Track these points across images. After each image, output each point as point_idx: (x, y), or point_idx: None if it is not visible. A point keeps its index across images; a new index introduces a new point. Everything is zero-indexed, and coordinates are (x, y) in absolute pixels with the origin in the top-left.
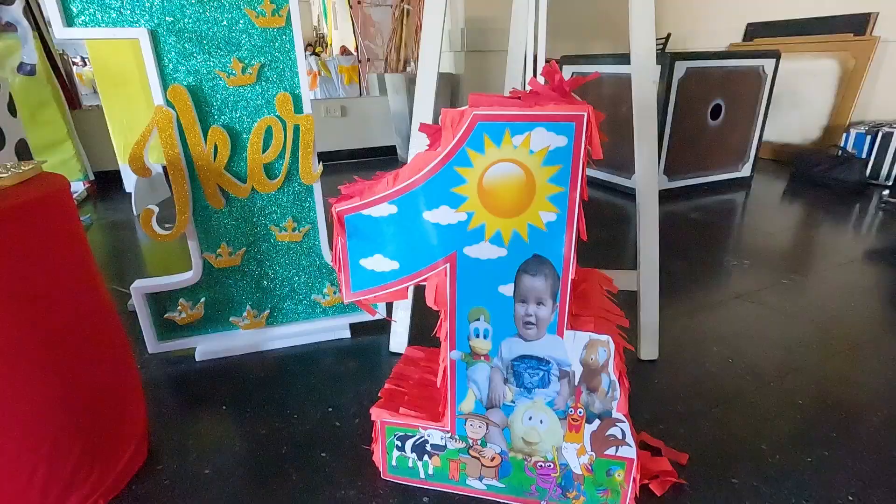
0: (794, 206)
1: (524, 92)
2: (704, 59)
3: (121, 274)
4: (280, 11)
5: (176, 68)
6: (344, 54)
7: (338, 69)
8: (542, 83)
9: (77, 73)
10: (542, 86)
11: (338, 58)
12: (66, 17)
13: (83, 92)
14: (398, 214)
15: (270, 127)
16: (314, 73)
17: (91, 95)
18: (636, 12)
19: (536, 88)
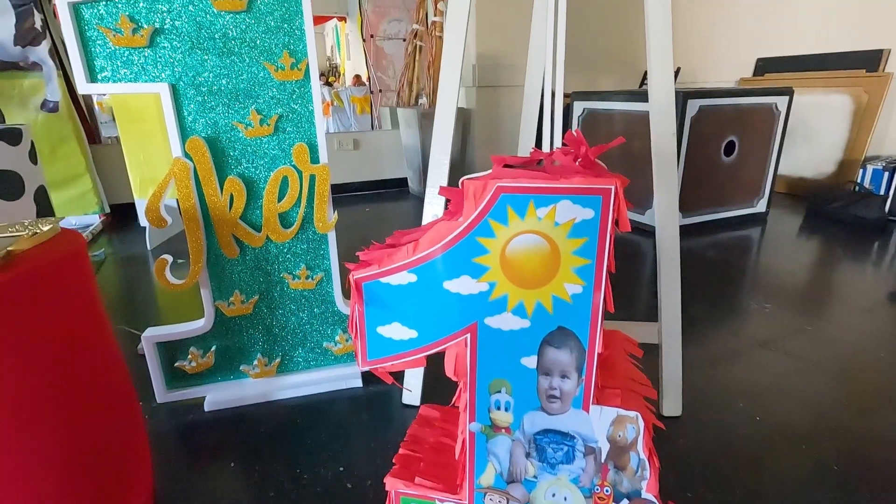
0: (812, 243)
1: (546, 154)
2: (717, 97)
3: (132, 313)
4: (299, 65)
5: (195, 120)
6: (357, 85)
7: (350, 99)
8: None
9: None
10: (566, 158)
11: (350, 88)
12: (90, 74)
13: (102, 120)
14: (417, 283)
15: (286, 177)
16: (327, 103)
17: (110, 123)
18: (654, 72)
19: (561, 160)
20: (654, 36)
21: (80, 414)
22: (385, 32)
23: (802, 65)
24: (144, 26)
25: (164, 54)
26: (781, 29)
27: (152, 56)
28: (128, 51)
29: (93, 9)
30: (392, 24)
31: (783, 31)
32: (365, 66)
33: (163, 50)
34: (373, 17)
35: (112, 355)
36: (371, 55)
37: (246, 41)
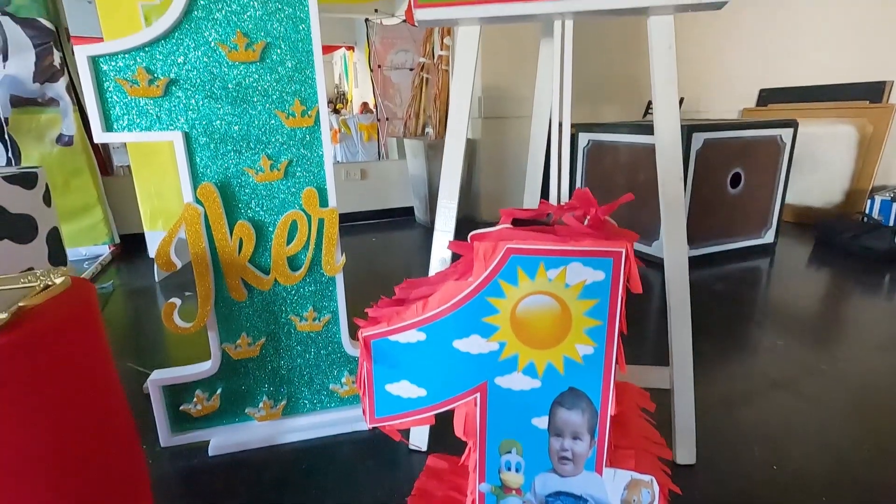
0: (822, 274)
1: (554, 207)
2: (722, 129)
3: (139, 348)
4: (309, 112)
5: (207, 166)
6: (364, 112)
7: (358, 127)
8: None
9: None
10: (575, 220)
11: (358, 116)
12: (106, 123)
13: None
14: (427, 342)
15: (295, 221)
16: (335, 130)
17: (122, 149)
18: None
19: (570, 223)
20: (659, 78)
21: (83, 462)
22: (392, 63)
23: (805, 96)
24: (160, 77)
25: (179, 103)
26: (784, 60)
27: (167, 105)
28: (143, 101)
29: (111, 61)
30: (399, 55)
31: (785, 62)
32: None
33: (177, 99)
34: (380, 48)
35: (117, 403)
36: (378, 84)
37: (258, 90)
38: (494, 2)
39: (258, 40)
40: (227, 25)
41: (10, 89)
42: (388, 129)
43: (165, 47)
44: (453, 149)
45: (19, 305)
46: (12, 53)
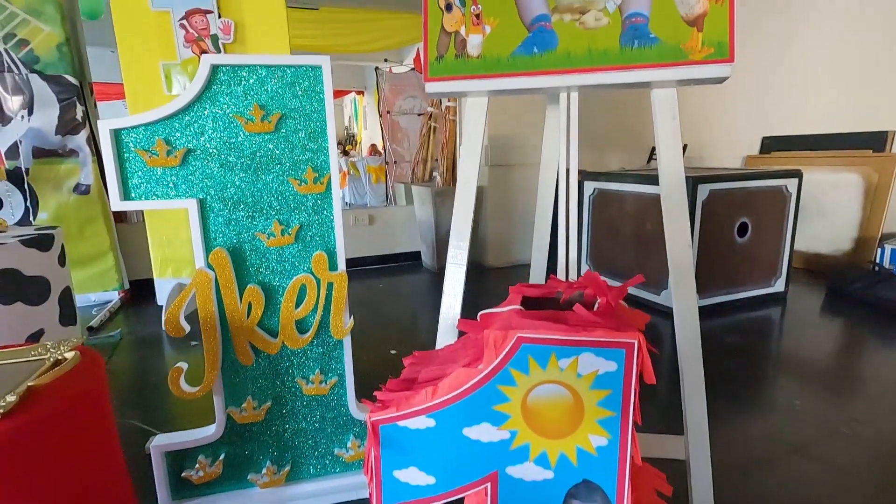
0: (836, 326)
1: (564, 284)
2: (726, 180)
3: (143, 401)
4: (322, 179)
5: (219, 232)
6: (372, 154)
7: (366, 169)
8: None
9: None
10: (585, 311)
11: (366, 158)
12: (124, 192)
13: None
14: (436, 428)
15: (305, 284)
16: (344, 172)
17: None
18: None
19: (581, 314)
20: (664, 147)
21: None
22: (400, 108)
23: (808, 144)
24: (179, 148)
25: (195, 172)
26: (786, 109)
27: (183, 174)
28: (161, 170)
29: (132, 133)
30: (407, 101)
31: (787, 110)
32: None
33: (194, 168)
34: (389, 94)
35: (117, 473)
36: (387, 129)
37: (272, 158)
38: (501, 76)
39: (274, 112)
40: (244, 98)
41: (34, 141)
42: (397, 172)
43: (185, 119)
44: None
45: (28, 385)
46: (37, 108)
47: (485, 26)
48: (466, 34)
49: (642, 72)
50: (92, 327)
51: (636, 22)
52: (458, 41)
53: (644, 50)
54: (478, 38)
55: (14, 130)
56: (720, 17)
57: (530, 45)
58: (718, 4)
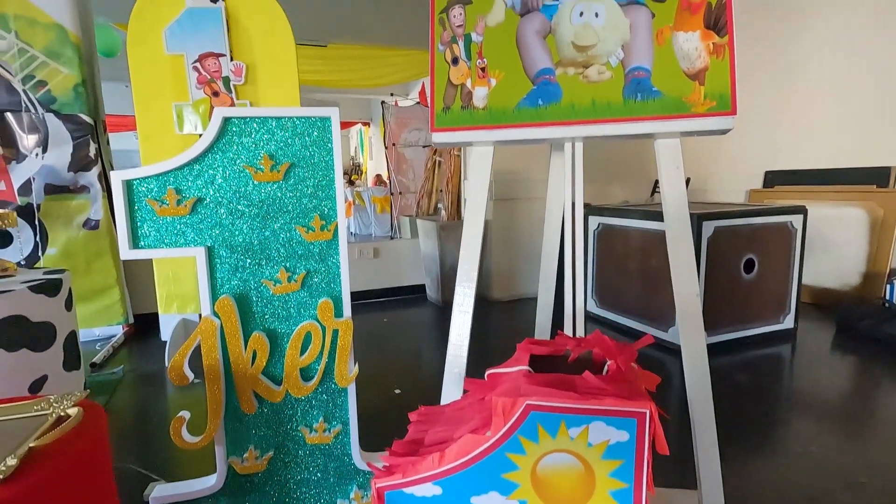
0: (847, 364)
1: (572, 340)
2: (731, 217)
3: (143, 444)
4: (328, 227)
5: (226, 279)
6: (377, 184)
7: (371, 199)
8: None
9: None
10: (595, 379)
11: (371, 189)
12: (133, 241)
13: None
14: (443, 496)
15: (310, 332)
16: (349, 202)
17: None
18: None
19: (591, 381)
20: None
21: None
22: (406, 140)
23: (811, 178)
24: (189, 197)
25: (204, 220)
26: (788, 144)
27: (193, 222)
28: (170, 219)
29: (144, 183)
30: (412, 133)
31: (790, 145)
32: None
33: (202, 217)
34: (395, 127)
35: None
36: (392, 161)
37: (280, 206)
38: (507, 127)
39: (283, 161)
40: (254, 149)
41: (46, 178)
42: (401, 203)
43: (196, 169)
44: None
45: (30, 447)
46: (52, 146)
47: (490, 79)
48: (472, 87)
49: (646, 124)
50: (95, 363)
51: (639, 76)
52: (465, 93)
53: (647, 103)
54: (483, 91)
55: (28, 167)
56: (721, 71)
57: (535, 98)
58: (719, 59)
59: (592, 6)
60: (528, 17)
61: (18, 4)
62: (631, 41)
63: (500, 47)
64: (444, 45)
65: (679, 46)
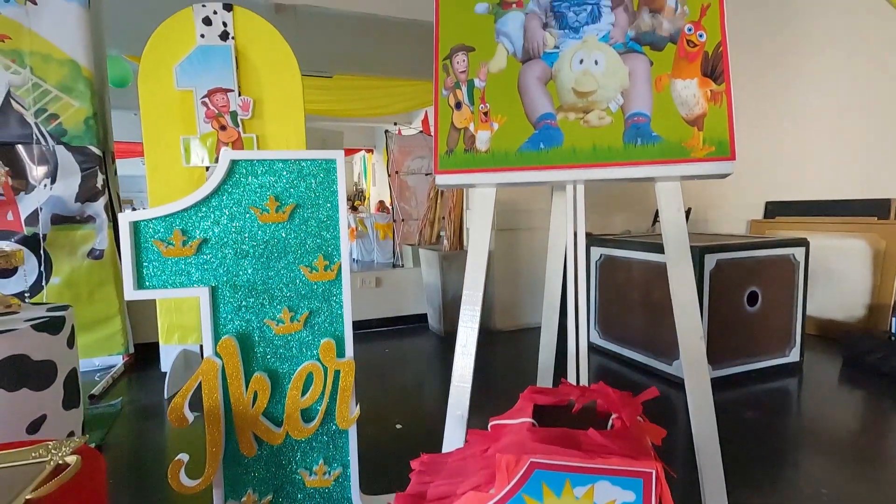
0: (856, 399)
1: (577, 390)
2: (733, 250)
3: (140, 482)
4: (332, 267)
5: (229, 319)
6: (380, 210)
7: (374, 226)
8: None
9: None
10: (600, 436)
11: (374, 215)
12: (138, 281)
13: None
14: None
15: (312, 372)
16: (352, 228)
17: None
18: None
19: (596, 439)
20: (671, 236)
21: None
22: (409, 168)
23: (811, 210)
24: (194, 238)
25: (209, 261)
26: (788, 175)
27: (197, 263)
28: (175, 259)
29: (151, 224)
30: (415, 161)
31: (789, 177)
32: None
33: (208, 257)
34: (398, 155)
35: None
36: (395, 188)
37: (285, 247)
38: (509, 170)
39: (288, 203)
40: (260, 191)
41: (53, 208)
42: (404, 230)
43: (202, 210)
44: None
45: (27, 499)
46: (60, 177)
47: (493, 123)
48: (475, 130)
49: (646, 168)
50: (94, 395)
51: (638, 121)
52: (467, 137)
53: (647, 147)
54: (486, 134)
55: (36, 198)
56: (719, 117)
57: (537, 141)
58: (717, 105)
59: (592, 54)
60: (529, 64)
61: (34, 41)
62: (630, 88)
63: (503, 93)
64: (448, 90)
65: (677, 93)
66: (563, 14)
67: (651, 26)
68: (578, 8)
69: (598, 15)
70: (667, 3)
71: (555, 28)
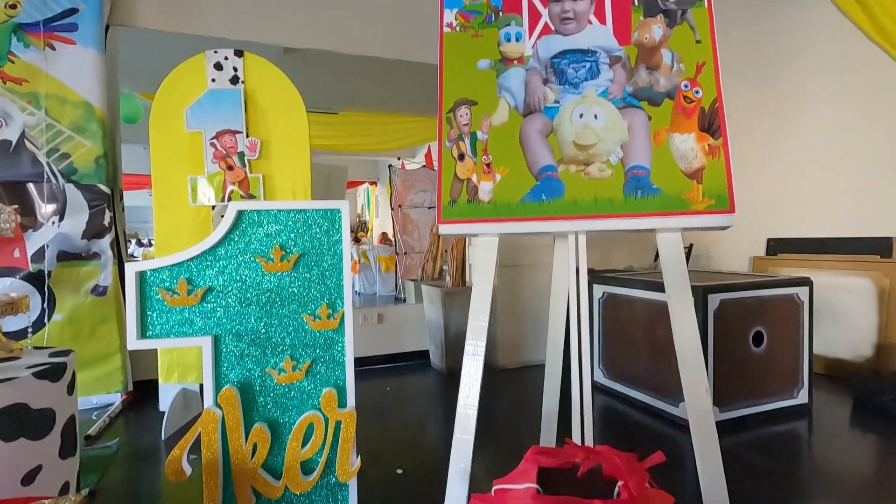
0: (869, 444)
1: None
2: (736, 290)
3: None
4: (335, 315)
5: (231, 368)
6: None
7: (377, 259)
8: None
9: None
10: None
11: (377, 248)
12: (142, 331)
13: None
14: None
15: (312, 423)
16: (355, 261)
17: None
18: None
19: None
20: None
21: None
22: (412, 202)
23: (813, 247)
24: (199, 287)
25: (212, 310)
26: (788, 212)
27: (201, 312)
28: (179, 308)
29: (157, 273)
30: (418, 195)
31: (790, 214)
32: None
33: (212, 306)
34: (401, 189)
35: None
36: (398, 222)
37: (289, 295)
38: (511, 220)
39: (293, 252)
40: (266, 240)
41: (60, 245)
42: (406, 262)
43: (207, 259)
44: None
45: None
46: (68, 214)
47: (495, 174)
48: (478, 181)
49: (647, 220)
50: (90, 436)
51: (638, 174)
52: (470, 187)
53: (647, 199)
54: (489, 185)
55: (43, 235)
56: (718, 171)
57: (539, 193)
58: (715, 160)
59: (592, 109)
60: (530, 118)
61: (51, 84)
62: (630, 141)
63: (505, 145)
64: (451, 141)
65: (676, 147)
66: (563, 70)
67: (648, 83)
68: (578, 65)
69: (596, 71)
70: (663, 60)
71: (555, 83)
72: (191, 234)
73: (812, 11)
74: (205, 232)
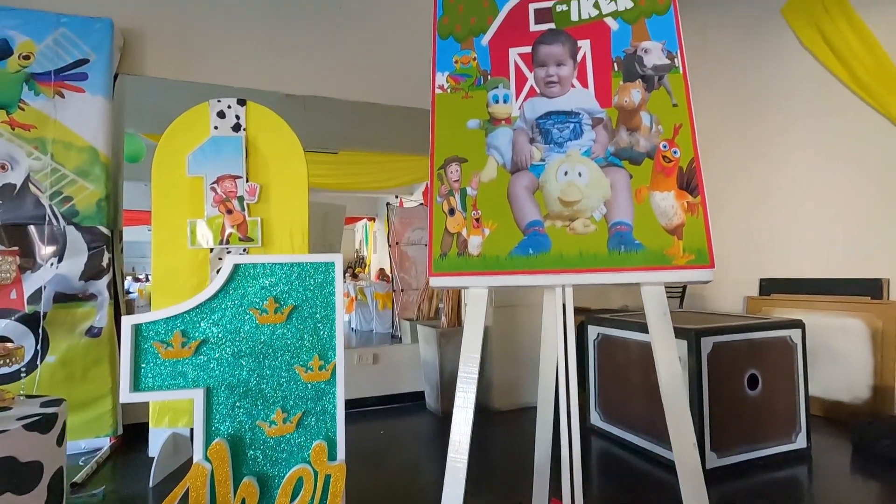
0: (871, 491)
1: None
2: (729, 332)
3: None
4: (327, 367)
5: (222, 420)
6: (380, 279)
7: (373, 296)
8: None
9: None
10: None
11: (374, 284)
12: (135, 384)
13: (139, 304)
14: None
15: (302, 477)
16: (352, 298)
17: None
18: None
19: None
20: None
21: None
22: (409, 239)
23: (805, 288)
24: (193, 339)
25: (206, 362)
26: (780, 253)
27: (195, 364)
28: (173, 361)
29: (152, 327)
30: (416, 232)
31: (782, 255)
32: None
33: (205, 358)
34: (399, 226)
35: None
36: (396, 259)
37: (281, 346)
38: (500, 273)
39: (287, 304)
40: (261, 292)
41: (57, 287)
42: (403, 299)
43: (202, 312)
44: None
45: None
46: (67, 256)
47: (484, 229)
48: (468, 235)
49: (630, 274)
50: (76, 483)
51: (621, 230)
52: (460, 241)
53: (630, 254)
54: (478, 239)
55: (42, 276)
56: (697, 227)
57: (526, 247)
58: (694, 216)
59: (576, 167)
60: (518, 175)
61: (58, 130)
62: (612, 198)
63: (493, 200)
64: (442, 197)
65: (657, 204)
66: (549, 131)
67: (629, 143)
68: (562, 125)
69: (580, 132)
70: (642, 122)
71: (541, 143)
72: (188, 276)
73: (798, 65)
74: (202, 274)
